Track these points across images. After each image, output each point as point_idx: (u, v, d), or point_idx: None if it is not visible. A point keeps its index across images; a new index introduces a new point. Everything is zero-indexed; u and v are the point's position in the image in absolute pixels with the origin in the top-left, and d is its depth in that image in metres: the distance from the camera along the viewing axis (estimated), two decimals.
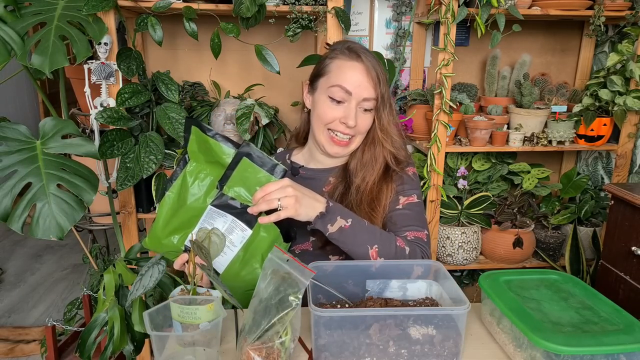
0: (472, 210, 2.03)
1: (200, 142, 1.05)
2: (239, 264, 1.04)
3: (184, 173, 1.07)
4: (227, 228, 1.03)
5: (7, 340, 2.37)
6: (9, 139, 1.30)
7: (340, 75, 1.13)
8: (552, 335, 0.83)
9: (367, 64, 1.13)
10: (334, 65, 1.16)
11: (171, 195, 1.07)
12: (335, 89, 1.13)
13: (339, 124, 1.15)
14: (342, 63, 1.15)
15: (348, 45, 1.17)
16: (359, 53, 1.14)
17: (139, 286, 0.88)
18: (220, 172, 1.05)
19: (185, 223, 1.06)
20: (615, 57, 1.88)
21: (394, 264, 1.07)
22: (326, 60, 1.18)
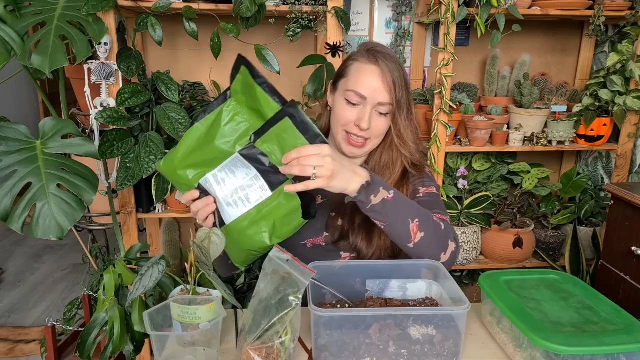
0: (472, 210, 2.03)
1: (246, 86, 0.99)
2: (248, 222, 0.99)
3: (220, 109, 1.00)
4: (247, 182, 0.97)
5: (7, 340, 2.37)
6: (9, 139, 1.30)
7: (357, 79, 1.14)
8: (552, 335, 0.83)
9: (384, 68, 1.12)
10: (353, 68, 1.16)
11: (201, 128, 0.99)
12: (351, 93, 1.13)
13: (354, 126, 1.15)
14: (360, 66, 1.15)
15: (369, 48, 1.17)
16: (377, 57, 1.14)
17: (139, 286, 0.88)
18: (259, 123, 0.98)
19: (207, 162, 1.00)
20: (615, 57, 1.88)
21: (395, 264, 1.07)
22: (348, 61, 1.19)
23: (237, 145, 0.99)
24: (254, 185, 0.97)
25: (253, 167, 0.97)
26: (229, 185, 0.98)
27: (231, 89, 1.00)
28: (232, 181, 0.98)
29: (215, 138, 0.99)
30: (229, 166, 0.98)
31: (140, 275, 0.89)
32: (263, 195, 0.97)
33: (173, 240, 2.13)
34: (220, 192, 0.99)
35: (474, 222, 2.02)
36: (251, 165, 0.97)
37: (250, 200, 0.98)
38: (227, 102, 1.00)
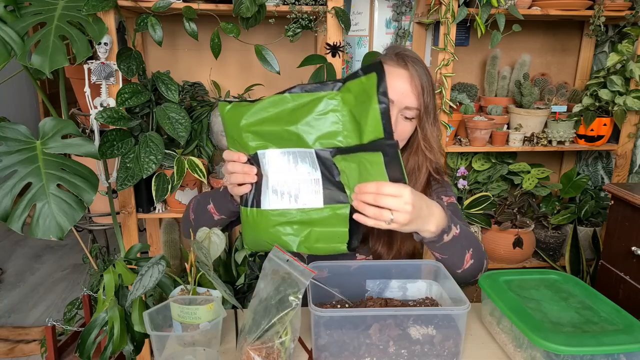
0: (472, 210, 2.03)
1: (364, 93, 0.86)
2: (284, 219, 0.92)
3: (320, 96, 0.88)
4: (306, 180, 0.90)
5: (7, 340, 2.37)
6: (9, 139, 1.30)
7: (387, 83, 1.13)
8: (552, 335, 0.83)
9: (413, 72, 1.10)
10: None
11: (288, 101, 0.88)
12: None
13: None
14: (388, 69, 1.09)
15: (397, 51, 1.14)
16: (406, 60, 1.11)
17: (138, 286, 0.88)
18: (353, 139, 0.88)
19: (276, 137, 0.90)
20: (615, 57, 1.88)
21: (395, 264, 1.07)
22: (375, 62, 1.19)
23: (317, 142, 0.89)
24: (310, 188, 0.91)
25: (320, 171, 0.90)
26: (286, 172, 0.91)
27: (345, 85, 0.88)
28: (291, 170, 0.91)
29: (299, 121, 0.88)
30: (297, 155, 0.90)
31: (140, 276, 0.89)
32: (313, 202, 0.91)
33: (173, 240, 2.13)
34: (273, 174, 0.91)
35: (474, 222, 2.02)
36: (319, 168, 0.90)
37: (298, 200, 0.91)
38: (332, 93, 0.88)
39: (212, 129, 1.86)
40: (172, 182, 1.73)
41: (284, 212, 0.92)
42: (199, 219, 1.14)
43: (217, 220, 1.12)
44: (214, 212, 1.11)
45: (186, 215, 1.20)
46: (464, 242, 1.02)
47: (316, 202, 0.90)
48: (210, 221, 1.11)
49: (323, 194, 0.90)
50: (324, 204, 0.90)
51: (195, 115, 1.86)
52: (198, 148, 1.88)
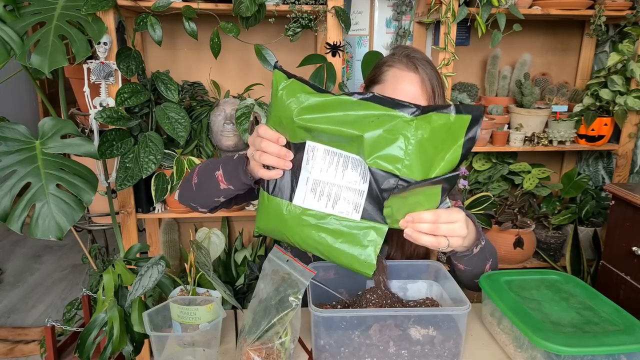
0: (473, 210, 2.02)
1: (447, 131, 0.79)
2: (315, 220, 0.86)
3: (394, 115, 0.80)
4: (349, 189, 0.84)
5: (6, 341, 2.37)
6: (8, 139, 1.30)
7: (396, 86, 1.07)
8: (552, 336, 0.82)
9: (424, 75, 1.07)
10: (390, 74, 1.10)
11: (359, 108, 0.81)
12: None
13: None
14: (398, 73, 1.09)
15: (407, 53, 1.11)
16: (416, 63, 1.08)
17: (138, 286, 0.88)
18: (414, 172, 0.80)
19: (329, 137, 0.83)
20: (615, 57, 1.88)
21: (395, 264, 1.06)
22: (383, 67, 1.12)
23: (374, 159, 0.81)
24: (351, 199, 0.85)
25: (368, 185, 0.83)
26: (331, 173, 0.85)
27: (427, 114, 0.80)
28: (338, 174, 0.85)
29: (363, 131, 0.80)
30: (348, 159, 0.84)
31: (139, 276, 0.89)
32: (349, 213, 0.85)
33: (172, 240, 2.12)
34: (317, 170, 0.85)
35: None
36: (369, 182, 0.83)
37: (335, 206, 0.85)
38: (407, 118, 0.80)
39: (212, 129, 1.85)
40: (172, 182, 1.73)
41: (317, 213, 0.86)
42: (202, 184, 1.07)
43: (223, 190, 1.03)
44: (221, 179, 1.02)
45: (188, 178, 1.11)
46: (486, 254, 1.04)
47: (353, 214, 0.85)
48: (215, 189, 1.03)
49: (364, 208, 0.84)
50: (361, 218, 0.85)
51: (195, 115, 1.86)
52: (197, 148, 1.88)
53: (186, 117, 1.65)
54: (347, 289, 1.00)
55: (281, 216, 0.87)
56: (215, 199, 1.06)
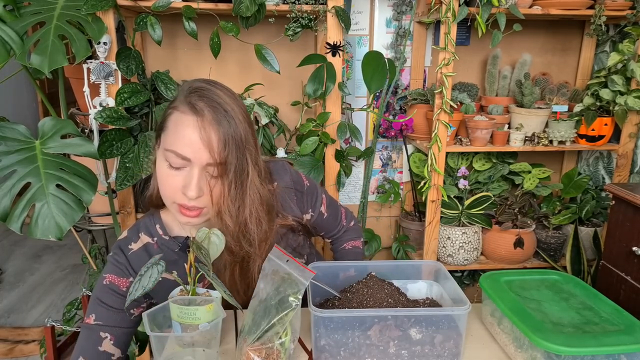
0: (473, 210, 2.02)
1: None
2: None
3: None
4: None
5: (6, 341, 2.37)
6: (8, 139, 1.30)
7: (176, 134, 0.89)
8: (552, 336, 0.82)
9: (205, 119, 0.88)
10: (172, 120, 0.91)
11: None
12: (171, 154, 0.89)
13: (182, 195, 0.91)
14: (179, 118, 0.90)
15: (192, 87, 0.92)
16: (196, 102, 0.89)
17: (138, 287, 0.87)
18: None
19: None
20: (616, 57, 1.88)
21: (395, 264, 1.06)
22: (168, 109, 0.93)
23: None
24: None
25: None
26: None
27: None
28: None
29: None
30: None
31: (139, 276, 0.89)
32: None
33: None
34: None
35: (475, 222, 2.02)
36: None
37: None
38: None
39: None
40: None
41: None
42: None
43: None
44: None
45: None
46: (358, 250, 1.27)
47: None
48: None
49: None
50: None
51: None
52: None
53: None
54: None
55: None
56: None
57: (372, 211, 2.30)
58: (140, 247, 1.02)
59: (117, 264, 1.01)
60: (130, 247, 1.02)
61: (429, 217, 1.96)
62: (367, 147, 2.20)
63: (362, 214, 2.24)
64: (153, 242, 1.03)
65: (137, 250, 1.02)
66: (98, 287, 1.00)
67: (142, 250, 1.02)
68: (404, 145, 2.15)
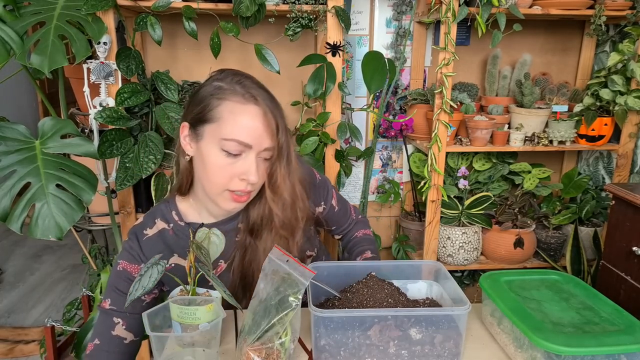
0: (473, 210, 2.02)
1: None
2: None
3: None
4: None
5: (6, 341, 2.37)
6: (8, 139, 1.30)
7: (236, 124, 0.92)
8: (552, 336, 0.82)
9: (265, 107, 0.94)
10: (224, 110, 0.93)
11: None
12: (231, 142, 0.92)
13: (239, 181, 0.95)
14: (236, 107, 0.93)
15: (239, 80, 0.97)
16: (253, 93, 0.95)
17: (138, 286, 0.87)
18: None
19: None
20: (616, 57, 1.88)
21: (395, 264, 1.06)
22: (211, 100, 0.95)
23: None
24: None
25: None
26: None
27: None
28: None
29: None
30: None
31: (139, 276, 0.89)
32: None
33: None
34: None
35: (475, 222, 2.02)
36: None
37: None
38: None
39: None
40: (172, 182, 1.72)
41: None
42: None
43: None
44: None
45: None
46: (370, 237, 1.30)
47: None
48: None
49: None
50: None
51: None
52: None
53: None
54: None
55: None
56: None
57: (372, 211, 2.30)
58: (155, 233, 1.04)
59: (130, 251, 1.03)
60: (145, 232, 1.04)
61: (429, 217, 1.96)
62: (367, 147, 2.20)
63: (362, 214, 2.24)
64: (169, 228, 1.05)
65: (152, 236, 1.04)
66: (112, 272, 1.03)
67: (157, 236, 1.04)
68: (404, 145, 2.15)
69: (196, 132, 0.97)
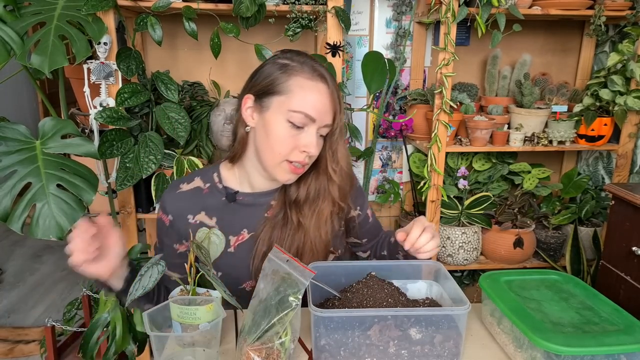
0: (473, 210, 2.02)
1: None
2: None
3: None
4: None
5: (6, 341, 2.37)
6: (9, 139, 1.30)
7: (305, 98, 0.98)
8: (552, 336, 0.82)
9: (332, 87, 1.01)
10: (294, 84, 0.99)
11: None
12: (297, 115, 0.98)
13: (299, 152, 1.01)
14: (306, 83, 0.99)
15: (308, 61, 1.02)
16: (323, 72, 1.01)
17: (138, 286, 0.88)
18: None
19: None
20: (615, 57, 1.88)
21: (395, 264, 1.06)
22: (280, 75, 1.00)
23: None
24: None
25: None
26: None
27: None
28: None
29: None
30: None
31: (139, 276, 0.89)
32: None
33: None
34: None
35: (475, 222, 2.02)
36: None
37: None
38: None
39: (212, 129, 1.85)
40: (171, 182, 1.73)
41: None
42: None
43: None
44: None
45: None
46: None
47: None
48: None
49: None
50: None
51: (195, 115, 1.86)
52: (198, 148, 1.88)
53: (186, 117, 1.65)
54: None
55: None
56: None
57: None
58: (190, 189, 1.11)
59: (164, 201, 1.12)
60: (180, 186, 1.13)
61: (428, 217, 1.96)
62: (367, 147, 2.20)
63: None
64: (204, 188, 1.11)
65: (185, 191, 1.11)
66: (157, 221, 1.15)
67: (191, 192, 1.11)
68: (404, 145, 2.16)
69: (261, 104, 1.02)
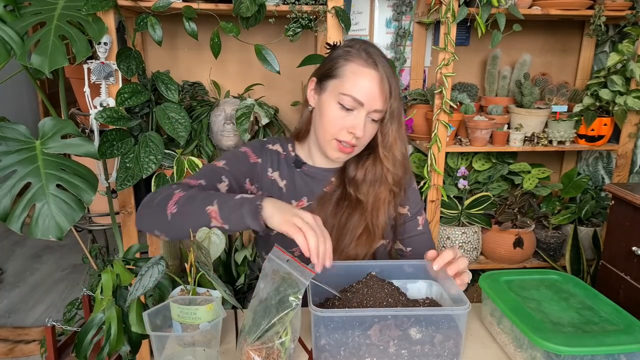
0: (473, 210, 2.02)
1: None
2: None
3: None
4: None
5: (6, 341, 2.37)
6: (9, 139, 1.30)
7: (355, 82, 1.05)
8: (552, 336, 0.82)
9: (383, 73, 1.05)
10: (348, 70, 1.07)
11: None
12: (347, 97, 1.05)
13: (347, 133, 1.08)
14: (357, 69, 1.06)
15: (365, 48, 1.08)
16: (375, 60, 1.06)
17: (138, 286, 0.88)
18: None
19: None
20: (615, 57, 1.88)
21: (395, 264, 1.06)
22: (339, 60, 1.09)
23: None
24: None
25: None
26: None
27: None
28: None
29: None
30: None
31: (140, 276, 0.89)
32: None
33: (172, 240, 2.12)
34: None
35: (475, 222, 2.02)
36: None
37: None
38: None
39: (212, 129, 1.85)
40: (172, 182, 1.73)
41: None
42: (184, 217, 0.97)
43: (213, 227, 0.96)
44: (215, 217, 0.94)
45: (160, 204, 1.00)
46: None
47: None
48: (202, 224, 0.95)
49: None
50: None
51: (195, 115, 1.86)
52: (198, 148, 1.88)
53: (186, 117, 1.65)
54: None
55: None
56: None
57: None
58: (274, 149, 1.22)
59: (255, 146, 1.21)
60: (268, 145, 1.23)
61: (428, 217, 1.97)
62: None
63: None
64: (282, 153, 1.22)
65: (272, 150, 1.22)
66: (232, 150, 1.22)
67: (275, 152, 1.22)
68: None
69: (321, 86, 1.11)
